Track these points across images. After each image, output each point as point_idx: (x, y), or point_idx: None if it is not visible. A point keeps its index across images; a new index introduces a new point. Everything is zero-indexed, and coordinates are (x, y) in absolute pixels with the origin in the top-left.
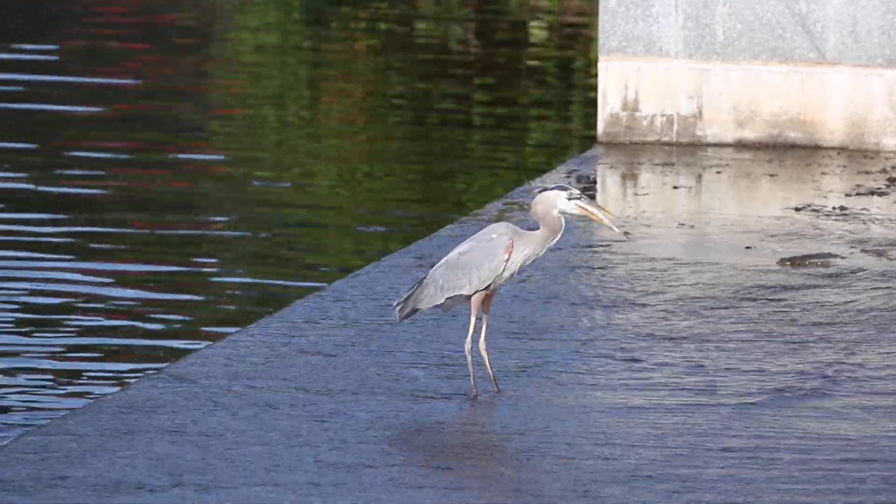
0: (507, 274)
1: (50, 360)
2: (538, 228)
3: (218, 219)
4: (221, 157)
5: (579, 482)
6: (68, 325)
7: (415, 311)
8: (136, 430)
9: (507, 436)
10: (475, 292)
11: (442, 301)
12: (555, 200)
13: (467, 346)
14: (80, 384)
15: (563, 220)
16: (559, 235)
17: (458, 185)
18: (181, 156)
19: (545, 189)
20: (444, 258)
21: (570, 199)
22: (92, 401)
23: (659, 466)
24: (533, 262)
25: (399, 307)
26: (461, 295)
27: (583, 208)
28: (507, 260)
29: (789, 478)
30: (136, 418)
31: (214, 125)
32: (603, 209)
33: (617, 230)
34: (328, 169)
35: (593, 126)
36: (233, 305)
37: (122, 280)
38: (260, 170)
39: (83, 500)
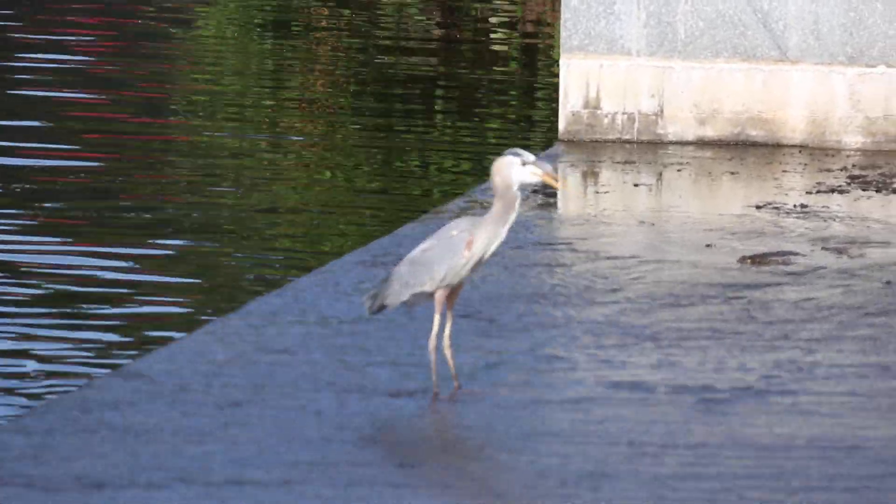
0: (468, 269)
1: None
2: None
3: (175, 212)
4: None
5: (542, 479)
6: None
7: (382, 307)
8: (95, 428)
9: (469, 433)
10: (437, 289)
11: (406, 298)
12: (510, 173)
13: (431, 344)
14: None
15: (518, 193)
16: (516, 209)
17: (418, 182)
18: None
19: (499, 156)
20: (408, 255)
21: (524, 166)
22: (51, 398)
23: (621, 464)
24: (498, 245)
25: (368, 302)
26: (424, 292)
27: (537, 175)
28: (468, 256)
29: (750, 475)
30: (95, 416)
31: (181, 107)
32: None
33: (562, 186)
34: (287, 165)
35: (554, 124)
36: (192, 303)
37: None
38: (217, 168)
39: (40, 498)
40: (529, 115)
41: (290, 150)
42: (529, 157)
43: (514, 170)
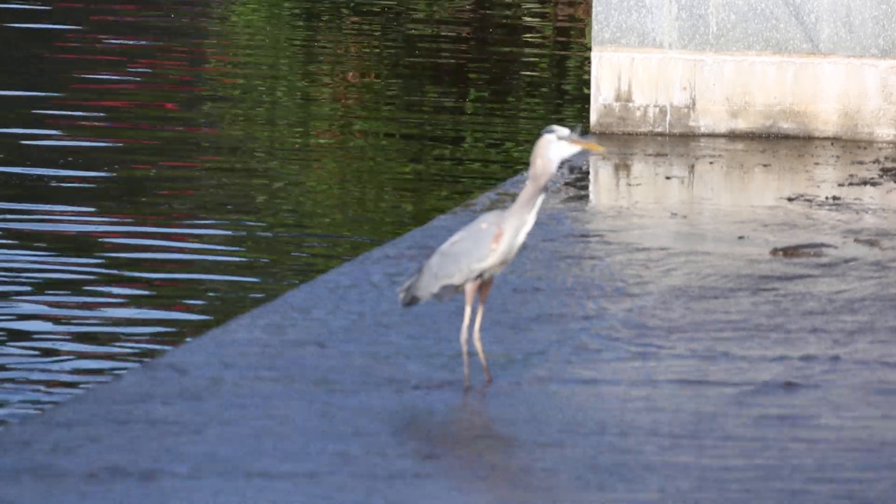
0: (496, 262)
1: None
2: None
3: (204, 207)
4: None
5: (573, 472)
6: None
7: (415, 298)
8: (126, 419)
9: (501, 426)
10: (465, 281)
11: (436, 290)
12: (549, 151)
13: (462, 336)
14: (63, 374)
15: (552, 169)
16: (544, 194)
17: (449, 175)
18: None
19: (538, 138)
20: (440, 247)
21: (559, 140)
22: (82, 391)
23: (654, 456)
24: (525, 233)
25: (402, 294)
26: (453, 284)
27: (576, 142)
28: (496, 249)
29: (783, 467)
30: (126, 408)
31: (206, 107)
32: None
33: (602, 149)
34: (318, 160)
35: (586, 117)
36: (223, 294)
37: (108, 276)
38: (247, 159)
39: (73, 488)
40: (561, 107)
41: (320, 144)
42: (564, 131)
43: (553, 147)
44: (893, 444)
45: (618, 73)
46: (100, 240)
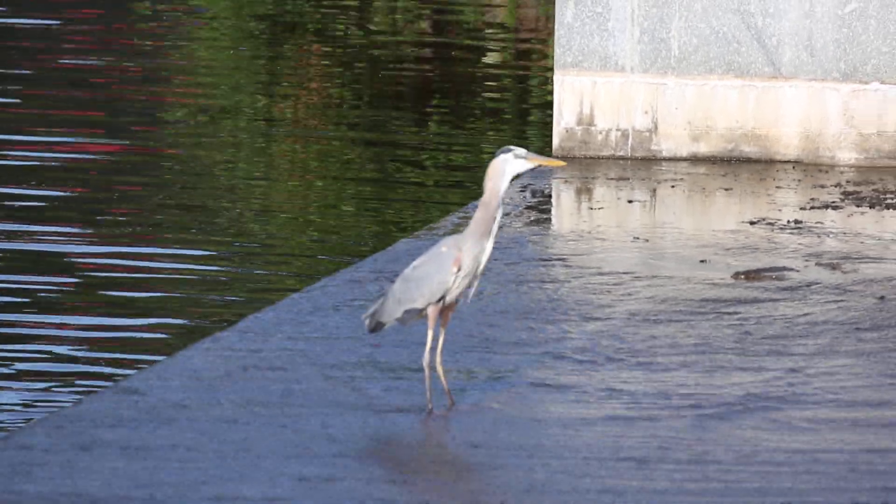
0: (458, 286)
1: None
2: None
3: (165, 235)
4: (173, 165)
5: (536, 495)
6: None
7: (380, 324)
8: (89, 444)
9: (463, 449)
10: (428, 305)
11: (400, 315)
12: (503, 168)
13: (425, 360)
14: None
15: (500, 192)
16: (499, 217)
17: (412, 198)
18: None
19: (492, 158)
20: (402, 272)
21: (517, 159)
22: (44, 415)
23: (616, 480)
24: (487, 259)
25: (367, 320)
26: (416, 309)
27: (534, 160)
28: (457, 272)
29: (745, 490)
30: (89, 432)
31: (168, 131)
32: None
33: (562, 163)
34: (281, 182)
35: (548, 141)
36: (185, 319)
37: (70, 304)
38: (212, 182)
39: None
40: (523, 131)
41: (281, 167)
42: (521, 151)
43: (508, 165)
44: (856, 463)
45: (580, 97)
46: (60, 259)
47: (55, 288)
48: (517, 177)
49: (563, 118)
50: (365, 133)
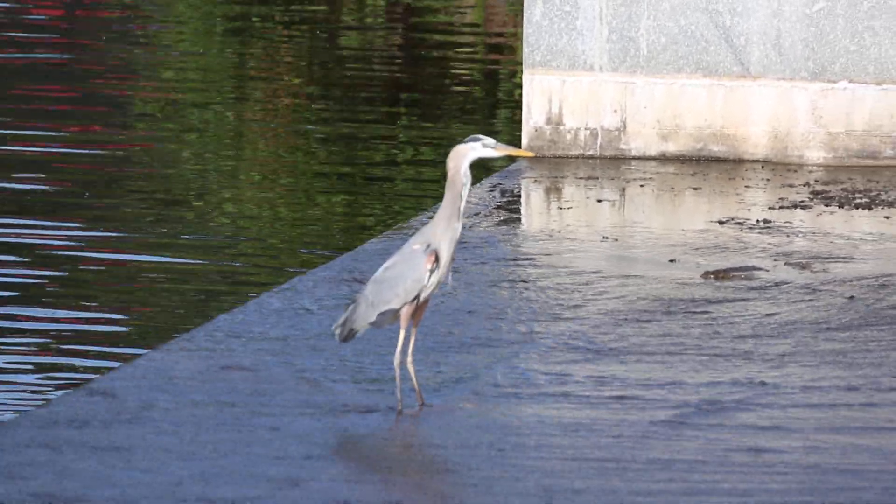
0: (434, 281)
1: None
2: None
3: (136, 235)
4: (144, 167)
5: (503, 494)
6: None
7: (352, 331)
8: (59, 445)
9: (433, 449)
10: (403, 305)
11: (374, 318)
12: (466, 153)
13: (396, 360)
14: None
15: (467, 177)
16: (465, 192)
17: (380, 199)
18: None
19: (458, 143)
20: (372, 276)
21: (485, 148)
22: (12, 416)
23: (585, 480)
24: (455, 243)
25: (338, 330)
26: (391, 310)
27: (502, 150)
28: (430, 270)
29: (713, 490)
30: (59, 433)
31: (139, 124)
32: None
33: (530, 154)
34: (250, 181)
35: (518, 140)
36: (155, 318)
37: (33, 296)
38: (180, 181)
39: None
40: (492, 130)
41: (252, 165)
42: (490, 140)
43: (474, 151)
44: (824, 464)
45: (549, 96)
46: (29, 252)
47: (21, 281)
48: (481, 161)
49: (532, 117)
50: (332, 130)
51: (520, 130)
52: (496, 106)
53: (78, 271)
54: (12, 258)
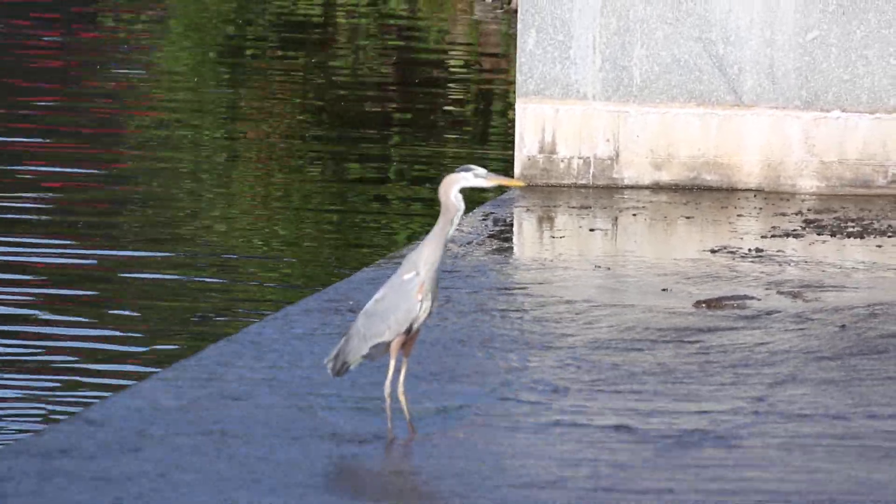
0: (424, 309)
1: None
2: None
3: (130, 253)
4: (137, 196)
5: None
6: None
7: (345, 364)
8: (51, 474)
9: (424, 478)
10: (396, 336)
11: (367, 351)
12: (457, 181)
13: (386, 390)
14: None
15: (460, 204)
16: (457, 219)
17: (374, 227)
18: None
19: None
20: (363, 309)
21: (476, 178)
22: (3, 445)
23: None
24: (439, 264)
25: (330, 363)
26: (384, 342)
27: (494, 179)
28: (421, 300)
29: None
30: (50, 463)
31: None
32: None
33: (522, 184)
34: (241, 211)
35: (510, 169)
36: (146, 349)
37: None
38: (171, 209)
39: None
40: (485, 158)
41: (244, 194)
42: (481, 171)
43: (465, 180)
44: (816, 493)
45: (542, 125)
46: (20, 270)
47: (12, 299)
48: (472, 189)
49: (526, 146)
50: (324, 160)
51: (512, 151)
52: (489, 126)
53: (66, 291)
54: (1, 276)
